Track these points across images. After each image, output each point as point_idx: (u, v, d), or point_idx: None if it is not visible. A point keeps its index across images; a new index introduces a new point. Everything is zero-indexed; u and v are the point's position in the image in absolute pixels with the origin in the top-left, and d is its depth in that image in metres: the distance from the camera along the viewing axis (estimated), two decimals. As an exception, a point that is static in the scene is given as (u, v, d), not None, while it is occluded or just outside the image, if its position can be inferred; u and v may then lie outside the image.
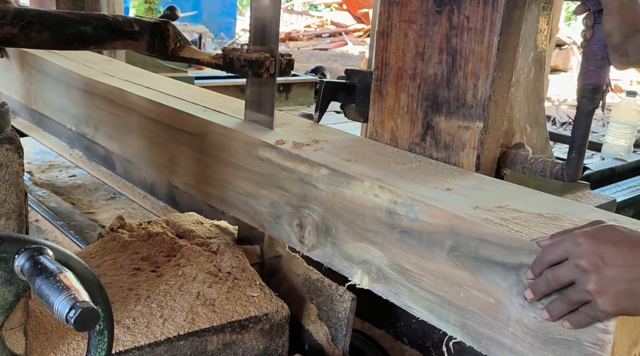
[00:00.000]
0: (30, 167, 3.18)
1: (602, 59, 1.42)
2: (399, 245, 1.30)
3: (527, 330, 1.09)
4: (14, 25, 1.51)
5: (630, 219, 1.21)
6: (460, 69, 1.48)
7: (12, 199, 1.17)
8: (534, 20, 1.62)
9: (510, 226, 1.13)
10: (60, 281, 0.94)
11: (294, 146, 1.57)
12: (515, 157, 1.59)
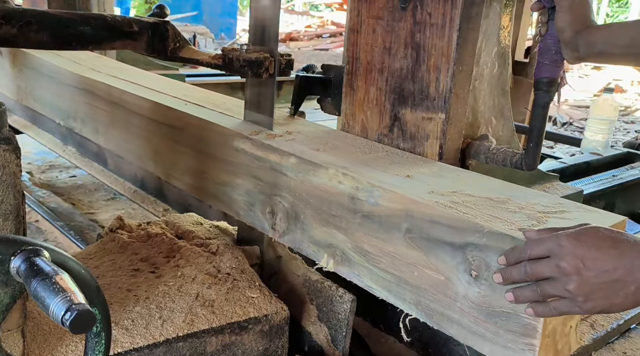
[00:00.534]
0: (31, 167, 3.17)
1: (555, 53, 1.49)
2: (361, 229, 1.37)
3: (472, 305, 1.16)
4: (13, 25, 1.50)
5: (575, 203, 1.29)
6: (423, 63, 1.55)
7: (9, 200, 1.16)
8: (496, 17, 1.69)
9: (460, 209, 1.21)
10: (56, 283, 0.94)
11: (267, 137, 1.64)
12: (478, 147, 1.67)
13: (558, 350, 1.14)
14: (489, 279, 1.13)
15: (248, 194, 1.68)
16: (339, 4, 16.07)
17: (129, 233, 1.85)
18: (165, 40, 1.76)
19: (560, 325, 1.13)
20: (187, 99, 2.05)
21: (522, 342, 1.09)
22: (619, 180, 2.48)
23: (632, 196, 2.62)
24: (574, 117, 11.11)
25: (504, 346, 1.13)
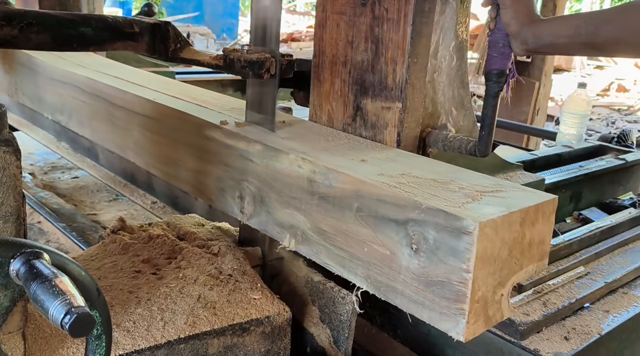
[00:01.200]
0: (33, 168, 3.17)
1: (503, 46, 1.60)
2: (318, 210, 1.46)
3: (413, 276, 1.26)
4: (14, 26, 1.50)
5: (513, 184, 1.40)
6: (382, 56, 1.64)
7: (9, 202, 1.16)
8: (452, 13, 1.76)
9: (403, 188, 1.30)
10: (56, 286, 0.94)
11: (236, 126, 1.73)
12: (437, 136, 1.77)
13: (489, 315, 1.22)
14: (427, 251, 1.22)
15: (219, 181, 1.76)
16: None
17: (131, 234, 1.86)
18: (166, 41, 1.77)
19: (490, 292, 1.21)
20: (166, 92, 2.14)
21: (455, 307, 1.18)
22: (585, 170, 2.54)
23: (599, 186, 2.68)
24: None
25: (440, 313, 1.22)
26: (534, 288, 1.83)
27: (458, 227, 1.16)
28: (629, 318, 1.81)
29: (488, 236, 1.16)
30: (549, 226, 1.31)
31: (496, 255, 1.20)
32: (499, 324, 1.61)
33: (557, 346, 1.63)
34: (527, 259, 1.29)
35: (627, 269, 2.03)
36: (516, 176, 2.12)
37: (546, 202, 1.28)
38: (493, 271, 1.20)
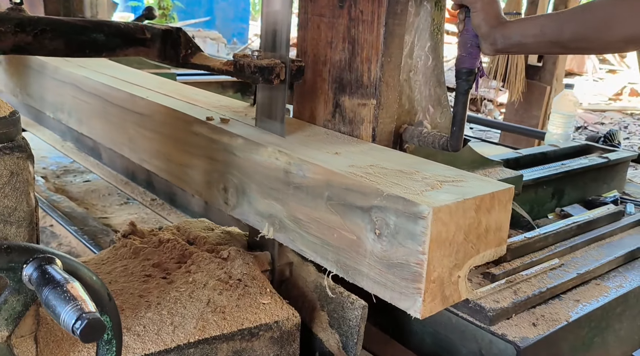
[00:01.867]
0: (45, 172, 3.20)
1: (471, 46, 1.69)
2: (294, 199, 1.55)
3: (377, 259, 1.34)
4: (28, 33, 1.52)
5: (474, 175, 1.48)
6: (358, 55, 1.73)
7: (22, 207, 1.16)
8: (427, 15, 1.85)
9: (369, 177, 1.39)
10: (67, 291, 0.95)
11: (221, 122, 1.82)
12: (413, 132, 1.86)
13: (446, 295, 1.31)
14: (389, 236, 1.30)
15: (205, 174, 1.84)
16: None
17: (141, 238, 1.87)
18: (177, 47, 1.78)
19: (446, 273, 1.30)
20: (159, 91, 2.23)
21: (412, 287, 1.27)
22: (566, 168, 2.57)
23: (582, 184, 2.72)
24: (589, 121, 11.19)
25: (400, 293, 1.31)
26: (507, 278, 1.88)
27: (415, 212, 1.24)
28: (598, 307, 1.87)
29: (442, 221, 1.24)
30: (505, 214, 1.39)
31: (451, 239, 1.28)
32: (471, 311, 1.74)
33: (524, 332, 1.68)
34: (484, 245, 1.37)
35: (600, 262, 2.08)
36: (495, 172, 2.20)
37: (502, 191, 1.36)
38: (448, 253, 1.29)
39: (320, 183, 1.46)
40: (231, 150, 1.73)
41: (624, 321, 2.03)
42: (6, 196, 1.13)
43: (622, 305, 1.98)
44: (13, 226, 1.16)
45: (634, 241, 2.29)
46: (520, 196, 2.37)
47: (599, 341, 1.94)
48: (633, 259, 2.21)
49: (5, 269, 1.02)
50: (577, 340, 1.84)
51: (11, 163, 1.12)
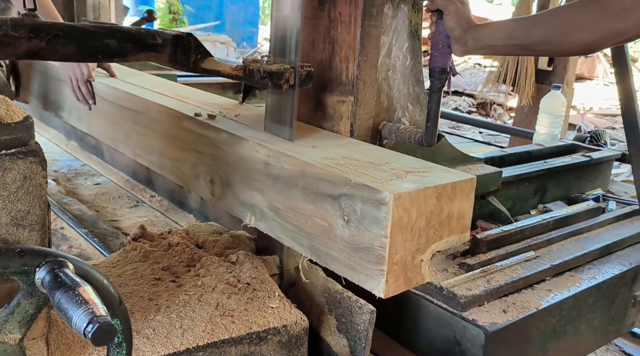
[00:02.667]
0: (57, 175, 3.22)
1: (443, 47, 1.77)
2: (272, 189, 1.60)
3: (346, 244, 1.40)
4: (41, 39, 1.53)
5: (440, 167, 1.57)
6: (337, 55, 1.78)
7: (35, 211, 1.17)
8: (404, 17, 1.92)
9: (340, 168, 1.44)
10: (79, 295, 0.96)
11: (208, 118, 1.87)
12: (391, 128, 1.94)
13: (409, 277, 1.37)
14: (356, 221, 1.36)
15: (194, 167, 1.90)
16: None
17: (151, 242, 1.87)
18: (188, 52, 1.78)
19: (409, 256, 1.35)
20: (154, 89, 2.29)
21: (377, 269, 1.33)
22: (548, 166, 2.62)
23: (566, 182, 2.77)
24: (599, 125, 11.18)
25: (366, 274, 1.37)
26: (482, 268, 1.94)
27: (378, 199, 1.30)
28: (569, 296, 1.92)
29: (403, 207, 1.30)
30: (468, 203, 1.45)
31: (413, 224, 1.34)
32: (445, 298, 1.80)
33: (494, 318, 1.73)
34: (447, 231, 1.43)
35: (575, 255, 2.12)
36: (475, 168, 2.25)
37: (464, 181, 1.42)
38: (410, 238, 1.35)
39: (295, 173, 1.52)
40: (217, 144, 1.78)
41: (597, 311, 2.07)
42: (19, 200, 1.15)
43: (594, 295, 2.03)
44: (26, 229, 1.17)
45: (611, 236, 2.32)
46: (502, 192, 2.41)
47: (571, 329, 1.98)
48: (609, 253, 2.25)
49: (19, 273, 1.04)
50: (547, 327, 1.88)
51: (24, 168, 1.14)
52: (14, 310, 1.07)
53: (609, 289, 2.11)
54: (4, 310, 1.07)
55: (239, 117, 1.94)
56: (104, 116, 2.45)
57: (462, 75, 12.01)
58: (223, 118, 1.91)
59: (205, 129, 1.85)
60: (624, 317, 2.24)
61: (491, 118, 10.30)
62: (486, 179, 2.27)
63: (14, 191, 1.13)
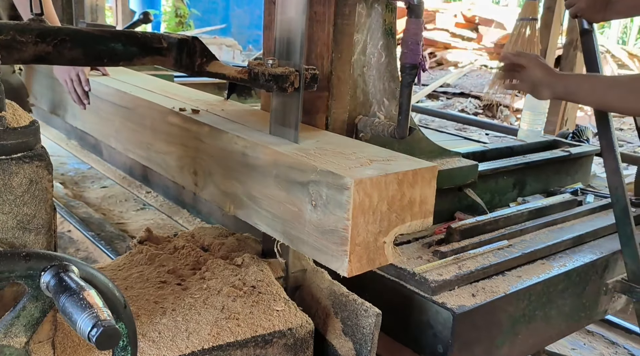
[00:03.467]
0: (64, 178, 3.22)
1: (412, 44, 1.84)
2: (249, 178, 1.65)
3: (314, 227, 1.44)
4: (48, 43, 1.52)
5: (405, 156, 1.64)
6: (313, 52, 1.82)
7: (41, 215, 1.16)
8: (378, 17, 1.94)
9: (308, 157, 1.48)
10: (84, 299, 0.96)
11: (192, 113, 1.92)
12: (366, 122, 1.98)
13: (372, 258, 1.42)
14: (322, 206, 1.42)
15: (179, 159, 1.94)
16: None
17: (157, 245, 1.85)
18: (193, 56, 1.77)
19: (372, 238, 1.41)
20: (144, 87, 2.33)
21: (341, 250, 1.39)
22: (526, 160, 2.70)
23: (545, 176, 2.83)
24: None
25: (331, 255, 1.42)
26: (455, 256, 1.96)
27: (341, 184, 1.35)
28: (538, 282, 1.94)
29: (365, 191, 1.35)
30: (430, 190, 1.51)
31: (375, 208, 1.39)
32: (417, 283, 1.83)
33: (463, 301, 1.76)
34: (409, 215, 1.48)
35: (547, 244, 2.14)
36: (452, 162, 2.29)
37: (425, 168, 1.48)
38: (372, 220, 1.40)
39: (269, 162, 1.57)
40: (199, 137, 1.82)
41: (567, 298, 2.07)
42: (25, 204, 1.14)
43: (564, 282, 2.03)
44: (32, 233, 1.17)
45: (584, 227, 2.34)
46: (481, 185, 2.45)
47: (541, 314, 1.98)
48: (582, 243, 2.27)
49: (24, 277, 1.04)
50: (516, 311, 1.89)
51: (30, 172, 1.13)
52: (20, 314, 1.07)
53: (579, 277, 2.12)
54: (10, 313, 1.07)
55: (223, 112, 1.97)
56: (96, 112, 2.48)
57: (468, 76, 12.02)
58: (206, 113, 1.93)
59: (189, 123, 1.89)
60: (596, 304, 2.26)
61: (497, 120, 10.32)
62: (462, 172, 2.30)
63: (20, 195, 1.13)
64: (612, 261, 2.26)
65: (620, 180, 2.20)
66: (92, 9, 3.23)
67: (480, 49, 13.05)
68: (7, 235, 1.14)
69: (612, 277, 2.29)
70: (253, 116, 1.97)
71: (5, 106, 1.14)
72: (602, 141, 2.21)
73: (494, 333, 1.91)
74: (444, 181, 2.20)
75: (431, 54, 13.31)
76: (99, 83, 2.44)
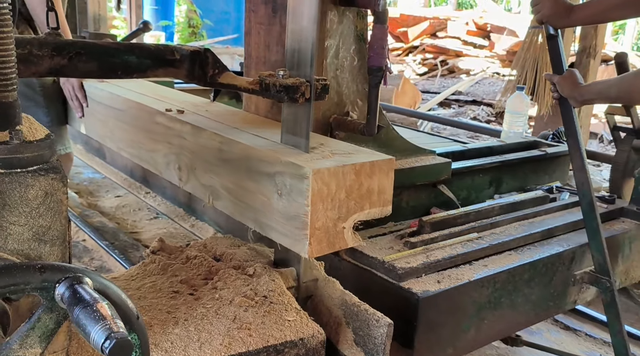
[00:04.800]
0: (79, 187, 3.29)
1: (378, 48, 1.90)
2: (225, 172, 1.70)
3: (280, 214, 1.50)
4: (63, 56, 1.52)
5: (366, 150, 1.65)
6: None
7: (56, 227, 1.15)
8: (350, 23, 1.99)
9: (276, 151, 1.54)
10: (97, 311, 0.95)
11: (177, 113, 1.96)
12: (339, 121, 2.06)
13: (332, 242, 1.48)
14: (286, 195, 1.49)
15: (165, 156, 1.98)
16: (383, 26, 16.23)
17: (169, 254, 1.81)
18: (205, 67, 1.77)
19: (331, 223, 1.48)
20: (136, 90, 2.38)
21: (302, 234, 1.45)
22: (502, 159, 2.80)
23: (522, 174, 2.93)
24: (622, 134, 11.18)
25: (295, 239, 1.50)
26: (424, 246, 2.01)
27: (301, 173, 1.42)
28: (502, 271, 1.98)
29: (323, 180, 1.42)
30: (388, 180, 1.56)
31: (333, 195, 1.45)
32: (386, 270, 1.86)
33: (428, 287, 1.81)
34: (368, 203, 1.53)
35: (515, 236, 2.17)
36: (427, 159, 2.35)
37: (382, 161, 1.54)
38: (331, 207, 1.46)
39: (242, 157, 1.62)
40: (183, 135, 1.87)
41: (534, 287, 2.08)
42: (41, 216, 1.13)
43: (529, 271, 2.05)
44: (47, 244, 1.16)
45: (554, 222, 2.39)
46: (457, 182, 2.47)
47: (507, 301, 2.00)
48: (551, 237, 2.33)
49: (39, 289, 1.03)
50: (481, 297, 1.92)
51: (46, 184, 1.11)
52: (35, 325, 1.06)
53: (545, 267, 2.14)
54: (25, 324, 1.06)
55: (207, 112, 2.01)
56: (94, 115, 2.53)
57: (480, 84, 12.05)
58: (190, 113, 1.97)
59: (173, 123, 1.93)
60: (564, 295, 2.28)
61: (509, 127, 10.37)
62: (436, 168, 2.34)
63: (35, 207, 1.12)
64: (580, 253, 2.29)
65: (586, 176, 2.23)
66: (95, 19, 3.35)
67: (492, 57, 12.42)
68: (23, 246, 1.13)
69: (580, 269, 2.31)
70: (233, 116, 2.01)
71: (21, 120, 1.14)
72: (569, 140, 2.32)
73: (459, 318, 1.92)
74: (418, 177, 2.27)
75: (443, 62, 13.03)
76: (95, 87, 2.49)
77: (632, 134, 2.69)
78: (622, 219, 2.60)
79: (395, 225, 2.27)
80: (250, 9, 2.03)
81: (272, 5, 1.91)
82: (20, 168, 1.11)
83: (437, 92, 10.81)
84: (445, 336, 1.90)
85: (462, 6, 21.38)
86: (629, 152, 2.70)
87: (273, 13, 1.90)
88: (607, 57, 10.30)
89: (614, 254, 2.39)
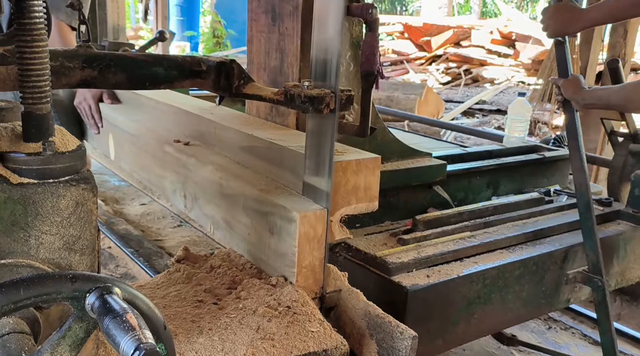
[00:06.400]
0: (105, 195, 3.25)
1: (369, 54, 1.77)
2: (224, 204, 1.76)
3: (272, 250, 1.63)
4: (94, 68, 1.53)
5: (355, 150, 1.68)
6: (285, 62, 1.89)
7: (86, 236, 1.15)
8: (345, 30, 2.01)
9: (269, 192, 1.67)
10: (127, 321, 0.96)
11: (184, 145, 2.11)
12: None
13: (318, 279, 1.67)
14: (278, 234, 1.58)
15: (172, 184, 2.02)
16: (399, 33, 14.59)
17: (194, 263, 1.81)
18: (231, 78, 1.77)
19: (317, 262, 1.61)
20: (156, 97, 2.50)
21: (290, 271, 1.61)
22: (499, 162, 2.87)
23: (519, 177, 2.97)
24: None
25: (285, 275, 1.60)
26: (417, 243, 2.02)
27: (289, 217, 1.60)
28: (492, 267, 1.99)
29: (309, 223, 1.54)
30: (374, 178, 1.61)
31: (319, 237, 1.55)
32: (378, 265, 1.88)
33: (417, 281, 1.83)
34: (355, 199, 1.56)
35: (507, 235, 2.18)
36: (423, 161, 2.37)
37: (368, 159, 1.59)
38: (317, 247, 1.57)
39: (239, 193, 1.69)
40: (188, 166, 1.92)
41: (524, 284, 2.07)
42: (71, 225, 1.12)
43: (520, 269, 2.06)
44: (77, 253, 1.15)
45: (549, 222, 2.41)
46: (454, 184, 2.47)
47: (497, 297, 2.00)
48: (544, 237, 2.36)
49: (70, 298, 1.04)
50: (470, 292, 1.92)
51: (77, 194, 1.11)
52: (66, 334, 1.07)
53: (536, 266, 2.14)
54: (57, 333, 1.06)
55: (213, 115, 2.12)
56: (111, 137, 2.69)
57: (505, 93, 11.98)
58: (196, 146, 2.10)
59: (180, 153, 2.02)
60: (557, 293, 2.26)
61: (536, 137, 10.30)
62: (431, 170, 2.35)
63: (66, 217, 1.11)
64: (572, 253, 2.30)
65: (585, 177, 2.27)
66: (114, 29, 3.49)
67: (517, 66, 11.70)
68: (54, 255, 1.13)
69: (573, 268, 2.32)
70: (237, 119, 2.07)
71: (54, 132, 1.13)
72: (570, 142, 2.40)
73: (449, 312, 1.91)
74: (414, 178, 2.28)
75: (466, 71, 12.58)
76: (113, 110, 2.66)
77: (629, 138, 2.75)
78: (619, 221, 2.61)
79: (392, 224, 2.30)
80: (252, 18, 2.07)
81: (272, 15, 1.96)
82: (53, 179, 1.12)
83: (461, 101, 10.51)
84: (434, 329, 1.89)
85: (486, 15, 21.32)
86: (626, 156, 2.75)
87: (272, 22, 1.94)
88: (637, 66, 10.08)
89: (609, 255, 2.40)
